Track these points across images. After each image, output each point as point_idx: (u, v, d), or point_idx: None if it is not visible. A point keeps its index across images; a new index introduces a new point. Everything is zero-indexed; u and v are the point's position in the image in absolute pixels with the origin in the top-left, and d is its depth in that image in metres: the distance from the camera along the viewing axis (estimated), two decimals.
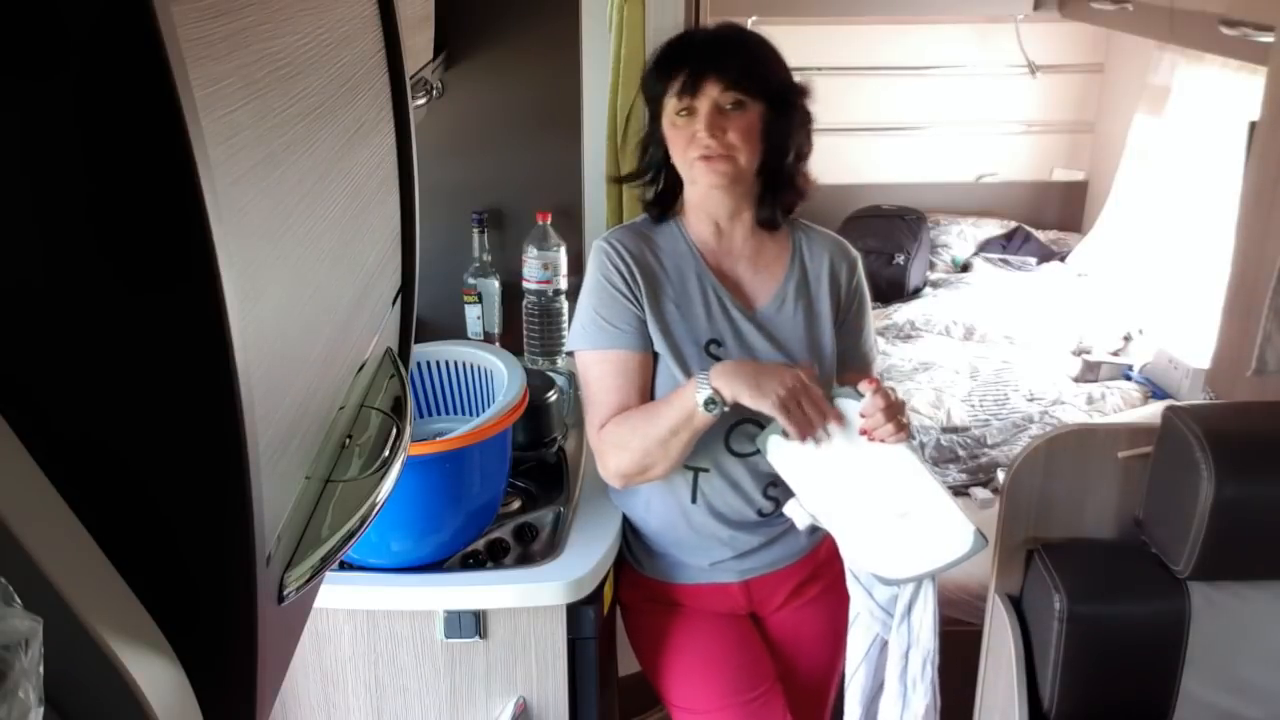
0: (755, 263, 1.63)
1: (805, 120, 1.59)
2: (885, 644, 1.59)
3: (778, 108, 1.54)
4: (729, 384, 1.44)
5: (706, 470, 1.59)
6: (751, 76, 1.51)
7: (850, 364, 1.64)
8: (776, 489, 1.59)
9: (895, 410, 1.44)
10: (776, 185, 1.60)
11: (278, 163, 0.59)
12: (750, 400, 1.43)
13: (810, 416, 1.44)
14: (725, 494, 1.61)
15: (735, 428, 1.57)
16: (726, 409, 1.45)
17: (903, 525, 1.48)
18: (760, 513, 1.62)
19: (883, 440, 1.44)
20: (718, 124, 1.50)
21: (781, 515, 1.58)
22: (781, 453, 1.51)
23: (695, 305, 1.59)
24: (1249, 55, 2.19)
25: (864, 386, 1.44)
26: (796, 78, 1.59)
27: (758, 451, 1.54)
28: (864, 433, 1.45)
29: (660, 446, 1.50)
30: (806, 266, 1.64)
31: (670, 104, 1.53)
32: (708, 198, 1.58)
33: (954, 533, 1.44)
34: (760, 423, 1.52)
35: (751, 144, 1.52)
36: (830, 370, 1.62)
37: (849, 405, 1.47)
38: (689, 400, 1.46)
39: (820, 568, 1.70)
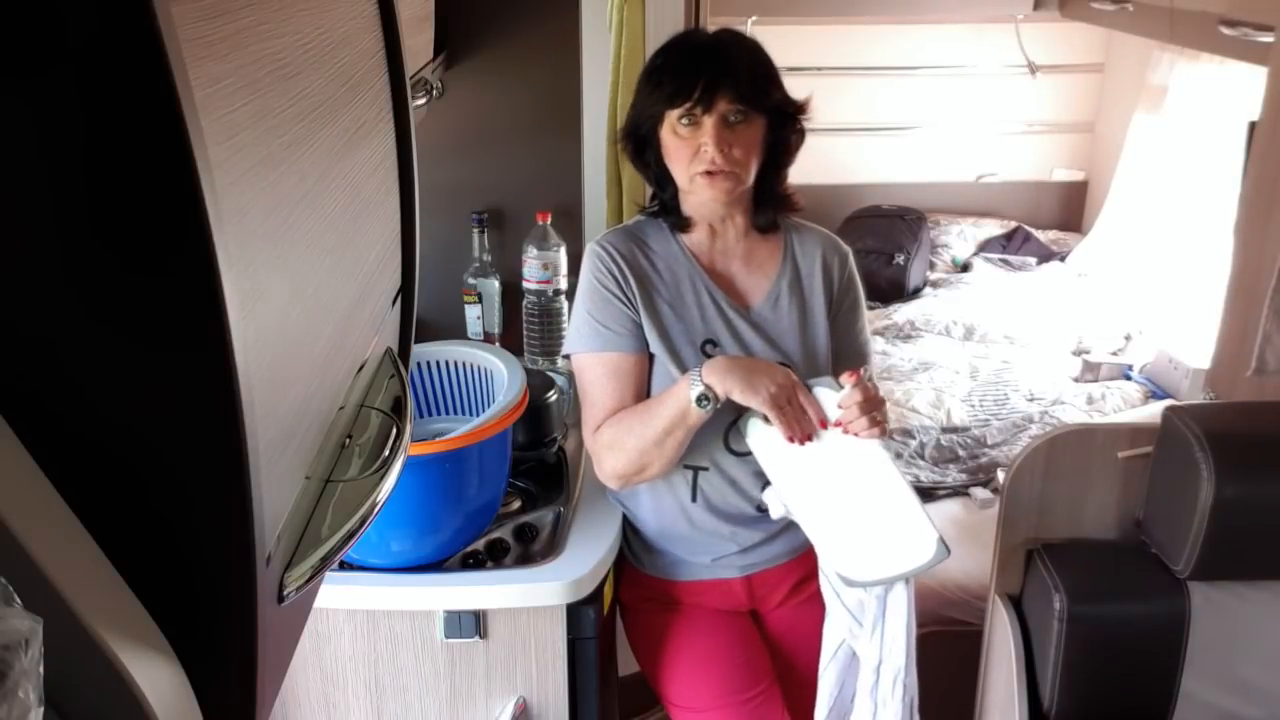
0: (748, 262, 1.63)
1: (801, 135, 1.60)
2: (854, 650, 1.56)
3: (777, 121, 1.54)
4: (721, 379, 1.44)
5: (706, 469, 1.59)
6: (759, 89, 1.50)
7: (845, 359, 1.64)
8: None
9: (872, 405, 1.43)
10: (770, 194, 1.61)
11: (278, 163, 0.59)
12: (741, 395, 1.44)
13: (799, 417, 1.45)
14: (724, 491, 1.61)
15: (733, 426, 1.56)
16: (719, 405, 1.45)
17: (868, 526, 1.45)
18: (759, 508, 1.61)
19: (856, 434, 1.44)
20: (724, 138, 1.49)
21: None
22: (761, 438, 1.51)
23: (690, 306, 1.59)
24: (1249, 55, 2.19)
25: (844, 379, 1.44)
26: (796, 92, 1.58)
27: None
28: (839, 424, 1.45)
29: (655, 446, 1.50)
30: (799, 264, 1.64)
31: (673, 113, 1.51)
32: (701, 204, 1.58)
33: (918, 540, 1.40)
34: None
35: (754, 159, 1.53)
36: (825, 366, 1.61)
37: (828, 396, 1.46)
38: (682, 397, 1.46)
39: (817, 565, 1.69)
